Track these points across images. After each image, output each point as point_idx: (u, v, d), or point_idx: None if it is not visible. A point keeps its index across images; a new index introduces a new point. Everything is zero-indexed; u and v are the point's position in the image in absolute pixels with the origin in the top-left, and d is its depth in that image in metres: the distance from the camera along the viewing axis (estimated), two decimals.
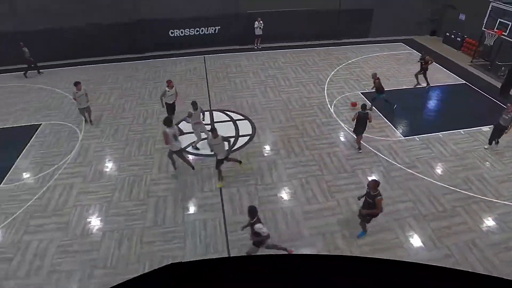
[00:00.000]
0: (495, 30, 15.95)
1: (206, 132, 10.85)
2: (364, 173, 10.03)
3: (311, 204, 9.00)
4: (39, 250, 7.90)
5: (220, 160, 9.36)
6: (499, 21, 15.72)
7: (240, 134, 11.88)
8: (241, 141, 11.50)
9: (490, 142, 10.96)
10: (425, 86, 14.89)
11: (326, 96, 14.25)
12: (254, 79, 15.96)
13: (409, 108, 13.50)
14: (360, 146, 10.92)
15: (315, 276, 1.26)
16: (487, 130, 11.17)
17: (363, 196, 7.68)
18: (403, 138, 11.60)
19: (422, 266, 1.26)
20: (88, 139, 11.72)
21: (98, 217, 8.77)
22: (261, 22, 18.59)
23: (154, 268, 1.26)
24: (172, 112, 12.08)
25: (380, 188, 9.32)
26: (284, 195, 9.36)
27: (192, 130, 10.91)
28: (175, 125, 9.57)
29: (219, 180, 9.63)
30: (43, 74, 16.70)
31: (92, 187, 9.67)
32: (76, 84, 11.69)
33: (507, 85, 14.50)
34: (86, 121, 12.42)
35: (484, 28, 16.52)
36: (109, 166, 10.51)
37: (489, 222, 8.45)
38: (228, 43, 19.43)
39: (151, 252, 7.78)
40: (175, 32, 18.99)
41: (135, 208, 8.94)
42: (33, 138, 11.86)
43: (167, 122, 9.34)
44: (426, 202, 9.03)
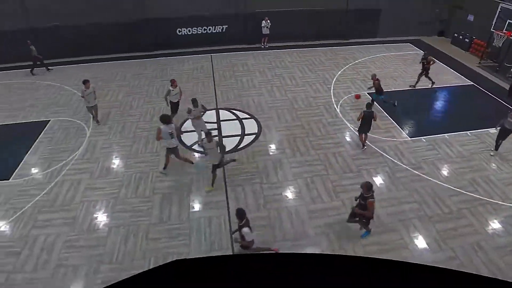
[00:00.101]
0: (504, 31, 15.82)
1: (205, 130, 10.91)
2: (370, 173, 10.02)
3: (316, 204, 9.01)
4: (47, 244, 8.02)
5: (215, 165, 9.26)
6: (508, 22, 15.58)
7: (246, 132, 11.93)
8: (247, 139, 11.55)
9: (496, 148, 10.78)
10: (429, 87, 14.81)
11: (333, 96, 14.24)
12: (261, 78, 15.99)
13: (415, 109, 13.45)
14: (364, 144, 10.95)
15: (317, 275, 1.27)
16: (494, 132, 11.08)
17: (359, 197, 7.72)
18: (409, 139, 11.56)
19: (426, 267, 1.26)
20: (96, 136, 11.85)
21: (104, 213, 8.87)
22: (268, 21, 18.61)
23: (159, 264, 1.30)
24: (176, 110, 12.16)
25: (385, 188, 9.45)
26: (289, 194, 9.39)
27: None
28: (172, 123, 9.62)
29: (211, 185, 9.46)
30: (52, 71, 16.90)
31: (99, 183, 9.78)
32: (85, 82, 11.82)
33: None
34: (94, 119, 12.56)
35: (492, 29, 16.39)
36: (116, 162, 10.62)
37: (495, 225, 8.40)
38: (235, 42, 19.49)
39: (156, 248, 7.86)
40: (183, 30, 19.11)
41: (141, 205, 9.03)
42: (41, 134, 12.03)
43: (164, 119, 9.46)
44: (431, 203, 9.00)
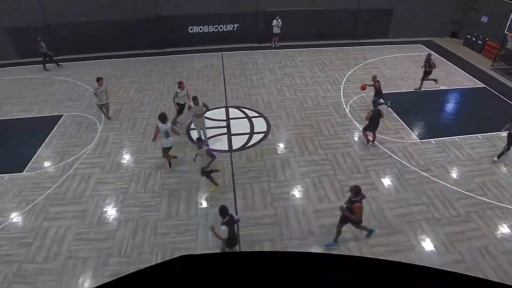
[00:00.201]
0: None
1: (204, 129, 11.02)
2: (378, 174, 9.99)
3: (323, 203, 9.03)
4: (57, 236, 8.20)
5: (206, 171, 9.14)
6: None
7: (255, 131, 11.99)
8: (255, 138, 11.62)
9: (499, 156, 10.40)
10: (442, 88, 14.68)
11: (342, 96, 14.21)
12: (271, 77, 16.02)
13: (426, 110, 13.34)
14: (368, 140, 11.05)
15: (321, 275, 1.31)
16: (505, 135, 10.92)
17: (346, 204, 7.50)
18: (419, 140, 11.48)
19: (432, 270, 1.25)
20: (107, 131, 12.04)
21: (114, 207, 9.03)
22: (279, 20, 18.62)
23: (166, 259, 1.34)
24: (182, 111, 12.27)
25: (393, 190, 9.42)
26: (297, 193, 9.42)
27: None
28: (169, 122, 9.76)
29: (214, 184, 9.47)
30: (66, 67, 17.18)
31: (109, 178, 9.95)
32: (98, 80, 11.98)
33: None
34: (105, 115, 12.71)
35: (506, 31, 16.14)
36: (126, 158, 10.79)
37: (503, 229, 8.31)
38: (246, 40, 19.54)
39: (164, 243, 7.98)
40: (194, 28, 19.24)
41: (150, 200, 9.16)
42: (55, 128, 12.27)
43: (162, 118, 9.60)
44: (439, 206, 8.95)
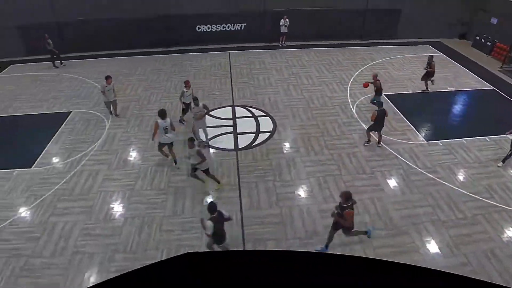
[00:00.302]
0: None
1: (205, 129, 11.02)
2: (384, 175, 9.96)
3: (328, 203, 9.02)
4: (64, 231, 8.30)
5: (205, 169, 9.09)
6: None
7: (261, 130, 12.02)
8: (261, 137, 11.64)
9: (503, 160, 10.26)
10: (450, 90, 14.59)
11: (349, 96, 14.17)
12: (277, 76, 16.04)
13: (433, 112, 13.25)
14: (369, 139, 11.10)
15: (324, 274, 1.31)
16: None
17: (336, 209, 7.28)
18: (425, 142, 11.41)
19: (436, 272, 1.26)
20: (115, 128, 12.16)
21: (120, 203, 9.12)
22: (287, 20, 18.61)
23: (171, 256, 1.37)
24: (188, 110, 12.33)
25: (399, 191, 9.39)
26: (302, 192, 9.43)
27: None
28: (168, 119, 9.87)
29: (217, 183, 9.45)
30: (74, 65, 17.40)
31: (116, 175, 10.05)
32: (107, 78, 12.07)
33: None
34: (111, 113, 12.77)
35: None
36: (133, 155, 10.89)
37: (510, 233, 8.23)
38: (253, 40, 19.57)
39: (169, 240, 8.04)
40: (202, 27, 19.32)
41: (156, 197, 9.23)
42: (63, 125, 12.42)
43: (161, 114, 9.70)
44: (445, 208, 8.89)
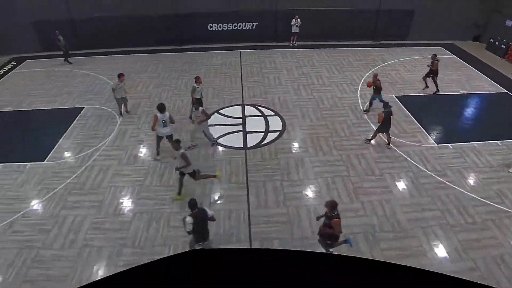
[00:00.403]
0: None
1: (206, 131, 11.01)
2: (393, 177, 9.90)
3: None
4: (74, 224, 8.46)
5: (181, 171, 8.86)
6: None
7: (270, 129, 12.04)
8: (270, 136, 11.67)
9: None
10: (462, 93, 14.42)
11: (359, 97, 14.09)
12: (288, 76, 16.03)
13: (444, 114, 13.09)
14: (373, 139, 11.13)
15: (328, 275, 1.32)
16: None
17: (322, 216, 7.23)
18: (436, 145, 11.30)
19: (442, 276, 1.27)
20: (126, 125, 12.32)
21: (129, 198, 9.25)
22: (298, 20, 18.57)
23: (178, 252, 1.40)
24: (201, 105, 12.41)
25: (408, 194, 9.32)
26: (309, 193, 9.43)
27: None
28: (167, 112, 10.09)
29: (177, 194, 9.13)
30: (88, 61, 17.67)
31: (126, 170, 10.18)
32: (120, 75, 12.21)
33: None
34: (121, 114, 12.79)
35: None
36: (143, 151, 11.01)
37: None
38: (265, 39, 19.60)
39: (176, 236, 8.10)
40: (214, 26, 19.41)
41: (165, 194, 9.32)
42: (76, 120, 12.64)
43: (160, 108, 9.90)
44: (454, 212, 8.80)
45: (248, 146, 11.23)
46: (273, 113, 13.05)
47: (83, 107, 13.45)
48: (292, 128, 12.16)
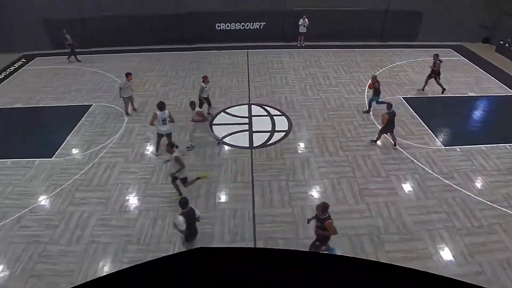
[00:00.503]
0: None
1: (209, 132, 11.04)
2: (399, 179, 9.85)
3: (340, 205, 9.00)
4: (81, 221, 8.55)
5: (174, 176, 8.83)
6: None
7: (276, 129, 12.04)
8: (276, 136, 11.67)
9: None
10: (470, 95, 14.31)
11: (366, 98, 14.01)
12: (295, 76, 16.02)
13: (452, 117, 12.98)
14: (378, 140, 11.12)
15: (335, 276, 1.33)
16: None
17: (312, 218, 7.22)
18: (443, 147, 11.21)
19: (447, 279, 1.26)
20: (133, 122, 12.41)
21: (136, 196, 9.32)
22: (306, 20, 18.54)
23: (183, 250, 1.42)
24: (210, 104, 12.50)
25: (414, 196, 9.27)
26: (315, 193, 9.42)
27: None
28: (166, 110, 10.22)
29: (177, 196, 8.99)
30: (97, 59, 17.85)
31: (132, 168, 10.26)
32: (127, 75, 12.30)
33: None
34: (128, 114, 12.82)
35: None
36: (149, 149, 11.08)
37: None
38: (272, 39, 19.59)
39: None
40: (221, 25, 19.46)
41: (171, 191, 9.34)
42: (84, 117, 12.78)
43: (160, 106, 10.06)
44: (461, 215, 8.73)
45: (254, 145, 11.25)
46: (279, 113, 13.05)
47: (91, 105, 13.59)
48: (298, 128, 12.15)
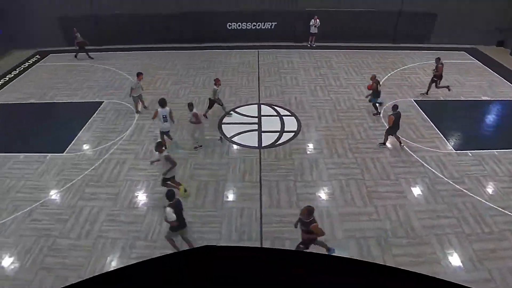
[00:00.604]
0: None
1: (201, 133, 10.98)
2: (408, 182, 9.75)
3: (348, 207, 8.95)
4: (91, 215, 8.68)
5: (165, 178, 8.81)
6: None
7: (285, 129, 12.03)
8: (285, 136, 11.66)
9: None
10: (483, 99, 14.10)
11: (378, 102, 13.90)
12: (305, 76, 15.97)
13: (464, 121, 12.80)
14: (386, 142, 11.10)
15: (339, 277, 1.32)
16: None
17: (297, 222, 7.17)
18: (454, 151, 11.06)
19: (451, 285, 1.25)
20: (143, 120, 12.52)
21: (144, 192, 9.42)
22: (317, 20, 18.46)
23: (182, 247, 1.42)
24: (221, 103, 12.53)
25: (423, 200, 9.17)
26: (322, 194, 9.39)
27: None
28: (168, 108, 10.38)
29: (183, 191, 9.06)
30: (109, 56, 18.08)
31: (142, 165, 10.36)
32: (138, 74, 12.44)
33: None
34: (138, 112, 12.89)
35: None
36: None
37: None
38: (283, 39, 19.56)
39: (188, 232, 8.17)
40: (233, 25, 19.50)
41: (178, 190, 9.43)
42: (95, 114, 12.96)
43: (161, 103, 10.26)
44: (471, 221, 8.60)
45: (262, 145, 11.26)
46: (289, 113, 13.04)
47: (103, 101, 13.76)
48: (308, 129, 12.12)
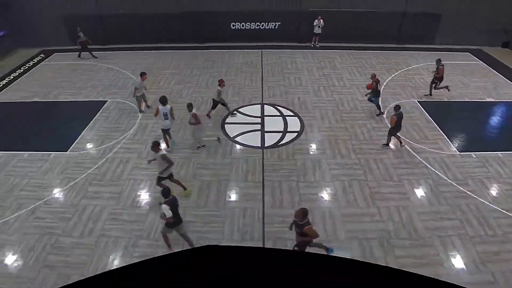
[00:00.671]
0: None
1: (197, 135, 10.95)
2: (411, 184, 9.71)
3: (351, 208, 8.93)
4: (94, 214, 8.71)
5: (159, 176, 8.80)
6: None
7: (288, 130, 12.02)
8: (288, 136, 11.64)
9: None
10: (488, 100, 14.02)
11: (380, 101, 13.83)
12: (308, 77, 15.95)
13: (468, 122, 12.72)
14: (389, 143, 11.09)
15: (340, 277, 1.33)
16: None
17: (292, 224, 7.12)
18: (458, 153, 11.00)
19: (451, 286, 1.25)
20: (146, 119, 12.56)
21: (147, 192, 9.44)
22: (321, 20, 18.42)
23: (185, 246, 1.42)
24: (225, 104, 12.56)
25: (426, 201, 9.14)
26: (325, 195, 9.37)
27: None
28: (168, 105, 10.47)
29: (184, 189, 9.18)
30: (113, 56, 18.13)
31: (145, 164, 10.31)
32: (142, 74, 12.48)
33: None
34: (141, 111, 12.95)
35: None
36: (162, 146, 11.11)
37: None
38: (287, 39, 19.54)
39: (190, 231, 8.16)
40: (236, 25, 19.51)
41: (181, 188, 9.42)
42: (99, 113, 13.00)
43: (162, 101, 10.33)
44: (474, 223, 8.55)
45: (265, 145, 11.26)
46: (292, 113, 13.02)
47: (106, 101, 13.81)
48: (311, 129, 12.10)
